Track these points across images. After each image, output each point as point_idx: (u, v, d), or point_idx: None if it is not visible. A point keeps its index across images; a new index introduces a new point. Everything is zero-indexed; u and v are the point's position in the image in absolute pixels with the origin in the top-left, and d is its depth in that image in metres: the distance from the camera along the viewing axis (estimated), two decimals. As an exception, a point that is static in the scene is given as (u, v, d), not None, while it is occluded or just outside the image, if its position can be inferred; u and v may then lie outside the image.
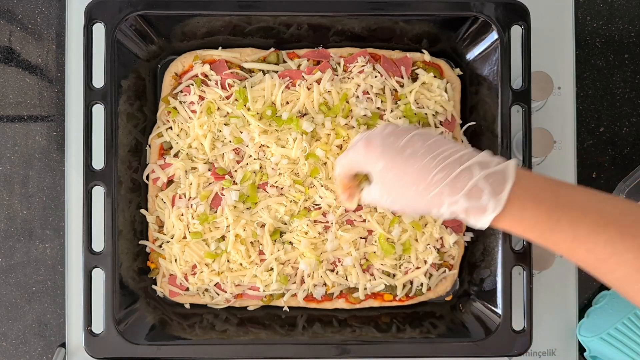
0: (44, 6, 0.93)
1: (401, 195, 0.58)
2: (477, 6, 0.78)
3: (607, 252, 0.53)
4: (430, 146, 0.58)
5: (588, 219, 0.53)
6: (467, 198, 0.55)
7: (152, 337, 0.79)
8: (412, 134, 0.59)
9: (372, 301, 0.85)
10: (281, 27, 0.83)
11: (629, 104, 0.94)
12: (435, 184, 0.55)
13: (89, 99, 0.77)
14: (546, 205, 0.54)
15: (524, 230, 0.55)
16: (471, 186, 0.54)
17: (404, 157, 0.57)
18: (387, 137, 0.60)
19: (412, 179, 0.56)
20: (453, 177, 0.55)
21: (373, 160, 0.59)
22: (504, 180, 0.55)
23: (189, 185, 0.83)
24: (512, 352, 0.77)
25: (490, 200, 0.54)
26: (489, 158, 0.57)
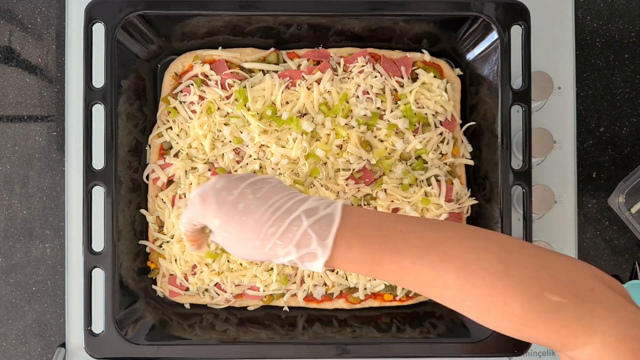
0: (44, 6, 0.93)
1: (240, 249, 0.59)
2: (477, 6, 0.78)
3: (431, 277, 0.55)
4: (261, 198, 0.58)
5: (411, 249, 0.55)
6: (297, 248, 0.56)
7: (152, 337, 0.79)
8: (243, 185, 0.59)
9: (372, 301, 0.85)
10: (281, 27, 0.83)
11: (629, 104, 0.94)
12: (269, 238, 0.57)
13: (89, 99, 0.77)
14: (370, 242, 0.56)
15: (355, 269, 0.57)
16: (299, 236, 0.56)
17: (238, 213, 0.58)
18: (219, 192, 0.60)
19: (248, 235, 0.57)
20: (283, 229, 0.56)
21: (209, 217, 0.60)
22: (329, 225, 0.56)
23: (189, 185, 0.83)
24: (512, 352, 0.77)
25: (317, 247, 0.55)
26: (316, 203, 0.58)
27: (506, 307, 0.53)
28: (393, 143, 0.83)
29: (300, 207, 0.57)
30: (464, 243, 0.55)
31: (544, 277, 0.53)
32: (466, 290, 0.54)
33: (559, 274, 0.54)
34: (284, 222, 0.56)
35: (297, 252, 0.56)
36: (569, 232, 0.90)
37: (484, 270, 0.53)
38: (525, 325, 0.53)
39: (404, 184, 0.83)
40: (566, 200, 0.90)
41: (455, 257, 0.54)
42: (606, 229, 0.93)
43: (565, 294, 0.52)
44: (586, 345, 0.52)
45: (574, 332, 0.52)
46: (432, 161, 0.84)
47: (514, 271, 0.53)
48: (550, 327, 0.52)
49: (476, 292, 0.53)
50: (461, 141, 0.86)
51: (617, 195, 0.89)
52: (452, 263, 0.54)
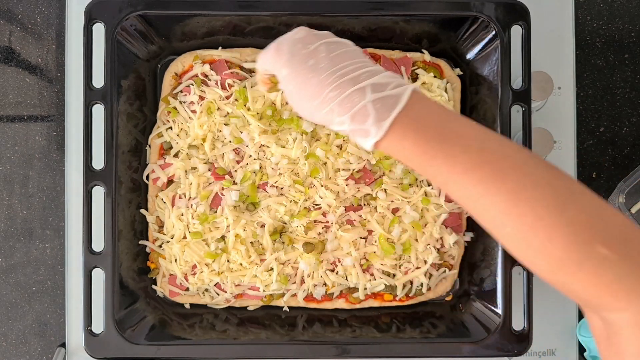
0: (44, 6, 0.93)
1: (301, 106, 0.57)
2: (477, 6, 0.78)
3: (478, 191, 0.51)
4: (333, 59, 0.56)
5: (466, 155, 0.52)
6: (352, 120, 0.54)
7: (152, 337, 0.79)
8: (320, 42, 0.58)
9: (372, 301, 0.85)
10: (281, 27, 0.83)
11: (629, 104, 0.94)
12: (328, 101, 0.55)
13: (89, 99, 0.77)
14: (427, 138, 0.53)
15: (404, 157, 0.54)
16: (358, 109, 0.54)
17: (307, 68, 0.56)
18: (295, 44, 0.58)
19: (310, 93, 0.56)
20: (344, 97, 0.54)
21: (279, 66, 0.58)
22: (393, 106, 0.53)
23: (189, 185, 0.83)
24: (512, 352, 0.77)
25: (372, 125, 0.53)
26: (388, 80, 0.55)
27: (549, 244, 0.49)
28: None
29: (369, 79, 0.54)
30: (525, 167, 0.52)
31: (598, 226, 0.49)
32: (511, 216, 0.50)
33: (614, 227, 0.50)
34: (346, 90, 0.54)
35: (350, 124, 0.54)
36: (569, 232, 0.89)
37: (537, 201, 0.50)
38: (562, 268, 0.49)
39: (404, 184, 0.83)
40: (566, 200, 0.90)
41: (511, 179, 0.51)
42: (606, 229, 0.93)
43: (616, 250, 0.48)
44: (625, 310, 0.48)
45: (614, 291, 0.48)
46: (432, 161, 0.84)
47: (569, 211, 0.49)
48: (590, 279, 0.49)
49: (522, 220, 0.50)
50: (461, 141, 0.86)
51: (617, 195, 0.89)
52: (506, 184, 0.50)
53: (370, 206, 0.84)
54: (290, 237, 0.83)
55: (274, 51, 0.59)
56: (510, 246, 0.52)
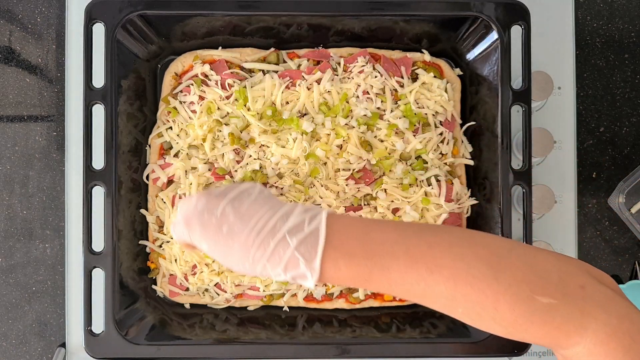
0: (44, 6, 0.93)
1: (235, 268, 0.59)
2: (477, 6, 0.78)
3: (421, 288, 0.54)
4: (242, 218, 0.57)
5: (398, 261, 0.55)
6: (286, 270, 0.56)
7: (152, 337, 0.79)
8: (223, 204, 0.58)
9: (372, 301, 0.85)
10: (281, 27, 0.83)
11: (629, 104, 0.94)
12: (257, 260, 0.56)
13: (89, 99, 0.77)
14: (357, 259, 0.55)
15: (346, 284, 0.57)
16: (286, 259, 0.55)
17: (223, 237, 0.57)
18: (201, 215, 0.59)
19: (238, 258, 0.57)
20: (269, 252, 0.56)
21: (197, 241, 0.60)
22: (315, 244, 0.55)
23: (189, 185, 0.83)
24: (512, 352, 0.77)
25: (306, 269, 0.55)
26: (300, 218, 0.57)
27: (496, 312, 0.53)
28: (393, 143, 0.83)
29: (284, 225, 0.56)
30: (452, 250, 0.55)
31: (533, 279, 0.53)
32: (457, 299, 0.54)
33: (549, 273, 0.53)
34: (269, 245, 0.56)
35: (286, 273, 0.56)
36: (569, 232, 0.90)
37: (474, 278, 0.53)
38: (516, 328, 0.53)
39: (404, 184, 0.83)
40: (566, 200, 0.90)
41: (444, 267, 0.54)
42: (606, 229, 0.93)
43: (555, 295, 0.52)
44: (578, 344, 0.52)
45: (565, 332, 0.52)
46: (432, 161, 0.84)
47: (503, 275, 0.53)
48: (542, 329, 0.52)
49: (467, 299, 0.53)
50: (461, 141, 0.86)
51: (617, 195, 0.89)
52: (441, 273, 0.54)
53: (370, 206, 0.84)
54: (290, 237, 0.83)
55: (185, 229, 0.60)
56: (468, 322, 0.56)
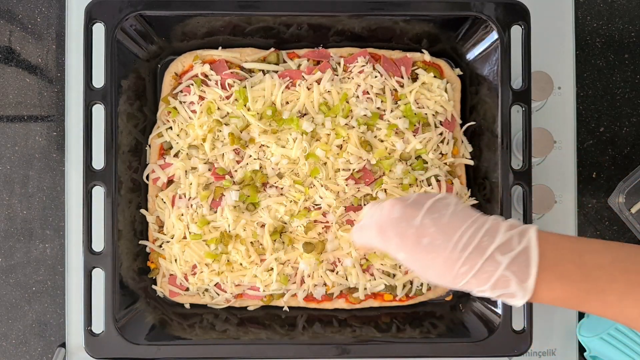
0: (44, 6, 0.93)
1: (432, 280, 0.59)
2: (477, 6, 0.78)
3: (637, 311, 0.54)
4: (445, 232, 0.56)
5: (615, 284, 0.54)
6: (494, 288, 0.55)
7: (152, 337, 0.79)
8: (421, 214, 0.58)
9: (372, 301, 0.85)
10: (281, 27, 0.83)
11: (629, 104, 0.94)
12: (462, 276, 0.56)
13: (89, 99, 0.77)
14: (572, 281, 0.55)
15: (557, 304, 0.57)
16: (496, 279, 0.55)
17: (424, 250, 0.57)
18: (398, 224, 0.58)
19: (439, 272, 0.57)
20: (476, 269, 0.55)
21: (393, 251, 0.59)
22: (527, 264, 0.54)
23: (189, 185, 0.83)
24: (512, 352, 0.77)
25: (517, 289, 0.55)
26: (508, 235, 0.56)
27: None
28: (393, 143, 0.83)
29: (491, 243, 0.55)
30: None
31: None
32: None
33: None
34: (477, 263, 0.55)
35: (492, 292, 0.56)
36: (569, 232, 0.90)
37: None
38: None
39: (404, 184, 0.83)
40: (566, 200, 0.90)
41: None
42: (606, 229, 0.93)
43: None
44: None
45: None
46: (432, 161, 0.84)
47: None
48: None
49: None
50: (461, 141, 0.86)
51: (617, 195, 0.89)
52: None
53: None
54: (290, 237, 0.83)
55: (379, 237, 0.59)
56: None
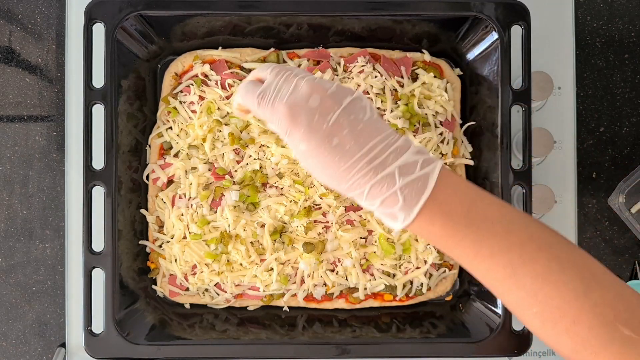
0: (44, 6, 0.93)
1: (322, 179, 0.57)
2: (477, 6, 0.78)
3: (505, 273, 0.53)
4: (357, 138, 0.54)
5: (494, 239, 0.53)
6: (381, 204, 0.55)
7: (152, 337, 0.79)
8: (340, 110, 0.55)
9: (372, 301, 0.85)
10: (281, 27, 0.83)
11: (629, 104, 0.94)
12: (357, 187, 0.55)
13: (89, 99, 0.77)
14: (454, 222, 0.54)
15: (430, 239, 0.56)
16: (387, 195, 0.54)
17: (330, 150, 0.54)
18: (312, 114, 0.55)
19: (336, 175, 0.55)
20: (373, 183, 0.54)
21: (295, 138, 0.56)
22: (420, 191, 0.54)
23: (189, 185, 0.83)
24: (512, 352, 0.77)
25: (400, 211, 0.54)
26: (415, 157, 0.55)
27: (573, 325, 0.51)
28: (393, 143, 0.83)
29: (396, 160, 0.54)
30: (551, 250, 0.53)
31: (621, 307, 0.51)
32: (538, 297, 0.52)
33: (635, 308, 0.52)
34: (376, 176, 0.54)
35: (379, 207, 0.55)
36: (569, 232, 0.89)
37: (563, 284, 0.52)
38: (586, 348, 0.51)
39: (404, 184, 0.83)
40: (566, 200, 0.90)
41: (538, 262, 0.52)
42: (606, 229, 0.93)
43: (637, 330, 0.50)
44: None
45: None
46: (432, 161, 0.84)
47: (593, 294, 0.52)
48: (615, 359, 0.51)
49: (548, 302, 0.52)
50: (461, 141, 0.86)
51: (617, 195, 0.89)
52: (533, 267, 0.52)
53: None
54: (290, 237, 0.83)
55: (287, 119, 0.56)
56: (534, 325, 0.54)
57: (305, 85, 0.56)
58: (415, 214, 0.54)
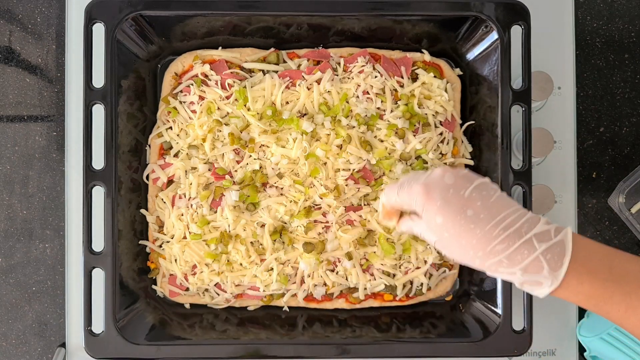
0: (44, 6, 0.93)
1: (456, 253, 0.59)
2: (477, 6, 0.78)
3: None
4: (490, 209, 0.58)
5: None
6: (524, 271, 0.56)
7: (152, 337, 0.79)
8: (471, 188, 0.59)
9: (372, 301, 0.85)
10: (281, 27, 0.83)
11: (629, 104, 0.94)
12: (495, 254, 0.57)
13: (89, 99, 0.77)
14: (601, 279, 0.56)
15: (579, 301, 0.58)
16: (529, 262, 0.56)
17: (466, 219, 0.58)
18: (446, 190, 0.59)
19: (471, 245, 0.58)
20: (513, 249, 0.56)
21: (431, 213, 0.60)
22: (561, 255, 0.56)
23: (189, 185, 0.83)
24: (512, 352, 0.77)
25: (547, 277, 0.56)
26: (547, 227, 0.58)
27: None
28: (393, 143, 0.83)
29: (531, 229, 0.57)
30: None
31: None
32: None
33: None
34: (514, 243, 0.56)
35: (522, 276, 0.57)
36: (569, 232, 0.89)
37: None
38: None
39: (404, 184, 0.83)
40: (566, 200, 0.90)
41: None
42: (606, 229, 0.93)
43: None
44: None
45: None
46: (432, 161, 0.84)
47: None
48: None
49: None
50: (461, 141, 0.86)
51: (617, 195, 0.89)
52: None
53: (370, 206, 0.84)
54: (290, 237, 0.83)
55: (423, 196, 0.60)
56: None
57: (438, 169, 0.61)
58: (562, 277, 0.56)
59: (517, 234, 0.57)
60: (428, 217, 0.60)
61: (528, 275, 0.56)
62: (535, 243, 0.56)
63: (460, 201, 0.58)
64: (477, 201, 0.58)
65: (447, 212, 0.58)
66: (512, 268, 0.57)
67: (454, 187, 0.59)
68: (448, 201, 0.59)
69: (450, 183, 0.60)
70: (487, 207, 0.58)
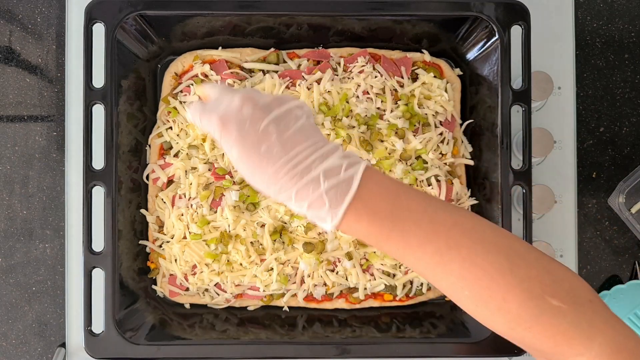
0: (44, 6, 0.93)
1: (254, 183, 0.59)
2: (477, 6, 0.78)
3: (434, 261, 0.55)
4: (284, 144, 0.57)
5: (420, 230, 0.55)
6: (309, 207, 0.56)
7: (152, 337, 0.79)
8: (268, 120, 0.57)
9: (372, 301, 0.85)
10: (281, 27, 0.83)
11: (629, 104, 0.94)
12: (285, 190, 0.56)
13: (89, 99, 0.77)
14: (380, 217, 0.56)
15: (360, 237, 0.58)
16: (314, 199, 0.56)
17: (259, 155, 0.56)
18: (242, 122, 0.57)
19: (266, 180, 0.57)
20: (300, 187, 0.56)
21: (227, 144, 0.58)
22: (344, 192, 0.56)
23: (189, 185, 0.83)
24: (512, 352, 0.77)
25: (328, 214, 0.56)
26: (339, 162, 0.57)
27: (504, 302, 0.53)
28: (393, 143, 0.83)
29: (321, 164, 0.56)
30: (474, 234, 0.55)
31: (547, 280, 0.53)
32: (467, 280, 0.54)
33: (561, 280, 0.54)
34: (301, 180, 0.55)
35: (307, 210, 0.56)
36: (569, 232, 0.90)
37: (489, 264, 0.53)
38: (520, 324, 0.53)
39: (404, 184, 0.83)
40: (566, 200, 0.90)
41: (463, 246, 0.54)
42: (606, 229, 0.93)
43: (566, 300, 0.52)
44: (582, 355, 0.52)
45: (570, 339, 0.52)
46: (432, 161, 0.84)
47: (518, 269, 0.53)
48: (546, 331, 0.52)
49: (477, 283, 0.54)
50: (461, 141, 0.86)
51: (617, 195, 0.89)
52: (459, 251, 0.54)
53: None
54: (290, 237, 0.83)
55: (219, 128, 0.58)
56: (469, 308, 0.56)
57: (239, 98, 0.58)
58: (341, 215, 0.55)
59: (306, 170, 0.56)
60: (226, 149, 0.59)
61: (312, 210, 0.56)
62: (322, 180, 0.55)
63: (255, 135, 0.57)
64: (272, 135, 0.57)
65: (242, 147, 0.57)
66: (299, 202, 0.56)
67: (251, 119, 0.57)
68: (242, 135, 0.57)
69: (247, 115, 0.57)
70: (282, 142, 0.56)
